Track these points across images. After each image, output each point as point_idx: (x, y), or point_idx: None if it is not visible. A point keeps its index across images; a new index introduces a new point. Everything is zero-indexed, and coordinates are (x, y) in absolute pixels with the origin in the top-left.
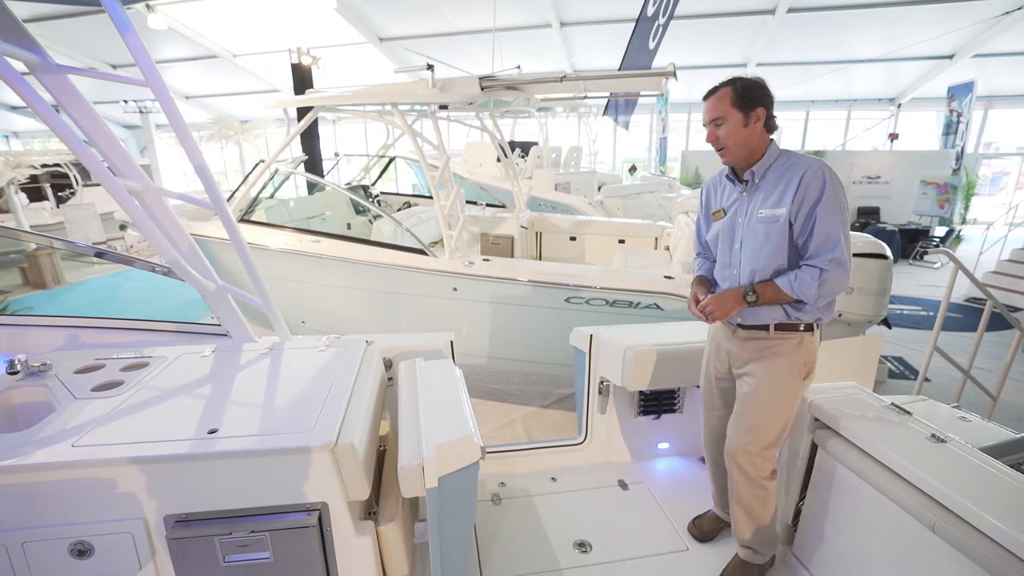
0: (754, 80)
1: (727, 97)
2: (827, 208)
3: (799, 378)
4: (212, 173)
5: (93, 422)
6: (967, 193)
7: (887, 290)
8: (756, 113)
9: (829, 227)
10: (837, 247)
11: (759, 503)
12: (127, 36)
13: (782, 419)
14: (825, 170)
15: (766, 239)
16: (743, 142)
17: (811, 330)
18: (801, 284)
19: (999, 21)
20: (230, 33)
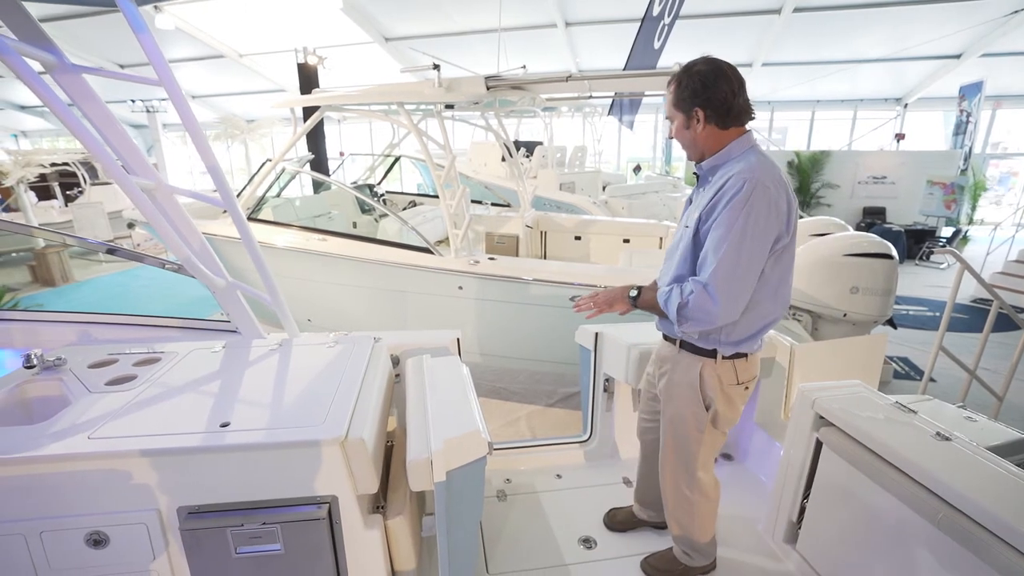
0: (700, 73)
1: (671, 95)
2: (720, 225)
3: (698, 404)
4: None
5: (108, 415)
6: (974, 193)
7: (892, 290)
8: (695, 114)
9: (712, 246)
10: (711, 273)
11: (684, 512)
12: (142, 36)
13: (694, 447)
14: (748, 183)
15: (678, 246)
16: (689, 143)
17: (711, 356)
18: (669, 299)
19: (1007, 20)
20: (236, 33)
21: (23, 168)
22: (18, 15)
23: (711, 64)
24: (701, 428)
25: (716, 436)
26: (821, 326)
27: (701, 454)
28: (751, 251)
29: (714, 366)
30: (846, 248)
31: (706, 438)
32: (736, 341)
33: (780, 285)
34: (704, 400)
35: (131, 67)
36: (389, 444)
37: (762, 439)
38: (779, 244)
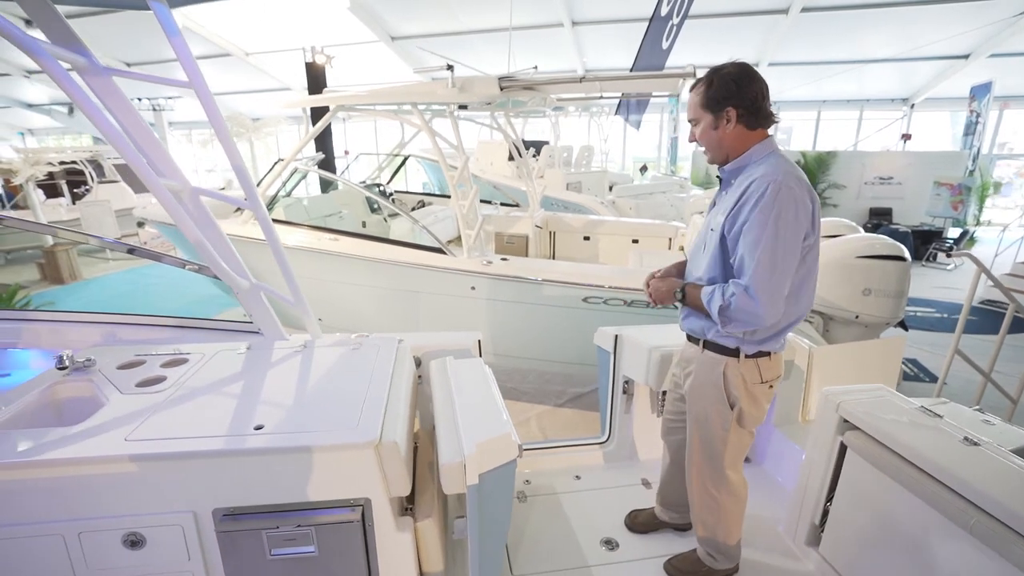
0: (732, 72)
1: (699, 95)
2: (753, 229)
3: (723, 403)
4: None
5: (141, 417)
6: (982, 194)
7: (905, 292)
8: (726, 114)
9: (748, 250)
10: (749, 276)
11: (710, 513)
12: (174, 40)
13: (719, 446)
14: (773, 186)
15: (706, 248)
16: (715, 145)
17: (734, 355)
18: (711, 300)
19: (1016, 21)
20: (243, 32)
21: (32, 166)
22: (50, 16)
23: (741, 66)
24: (726, 427)
25: (742, 435)
26: (833, 328)
27: (727, 453)
28: (785, 250)
29: (737, 365)
30: (859, 250)
31: (732, 437)
32: (760, 340)
33: (803, 285)
34: (729, 399)
35: (137, 65)
36: (414, 445)
37: (780, 441)
38: (806, 242)
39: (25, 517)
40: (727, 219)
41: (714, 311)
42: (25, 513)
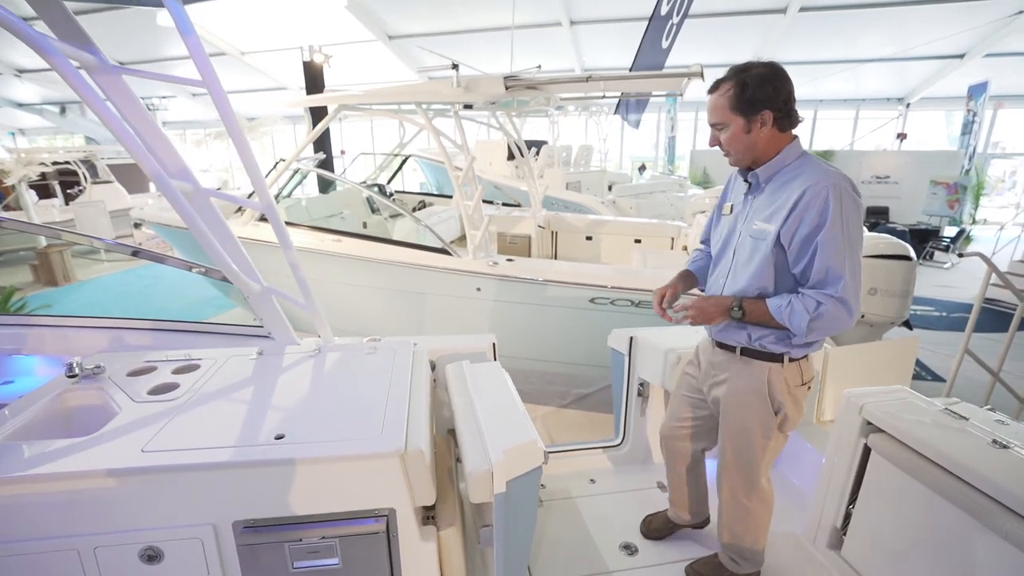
0: (764, 73)
1: (728, 97)
2: (830, 238)
3: (767, 412)
4: (261, 172)
5: (157, 426)
6: (977, 193)
7: (910, 292)
8: (761, 117)
9: (831, 260)
10: (840, 283)
11: (739, 521)
12: (188, 39)
13: (757, 453)
14: (833, 191)
15: (750, 257)
16: (746, 148)
17: (779, 361)
18: (793, 313)
19: (1011, 21)
20: (238, 31)
21: (25, 167)
22: (58, 13)
23: (772, 66)
24: (768, 435)
25: (780, 440)
26: None
27: (764, 461)
28: (859, 254)
29: (781, 370)
30: (865, 250)
31: (771, 444)
32: (807, 343)
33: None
34: (773, 405)
35: (131, 64)
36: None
37: (796, 443)
38: None
39: (39, 532)
40: (783, 227)
41: (799, 324)
42: (39, 528)
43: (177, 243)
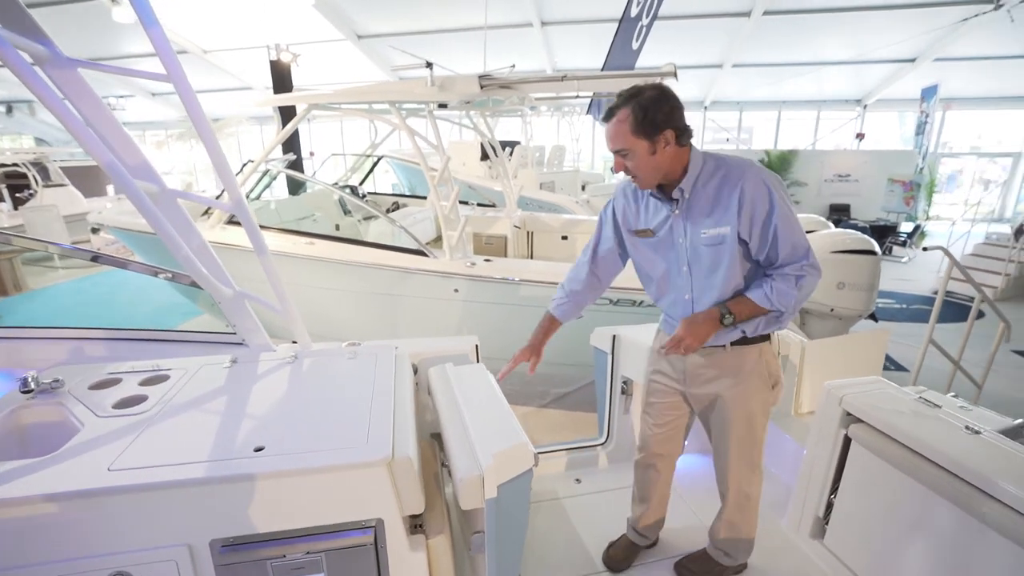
0: (658, 96)
1: (627, 124)
2: (783, 218)
3: (767, 389)
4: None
5: (124, 443)
6: (930, 190)
7: (875, 285)
8: (664, 137)
9: (793, 236)
10: (808, 251)
11: (740, 511)
12: (152, 30)
13: (760, 434)
14: (765, 179)
15: (715, 264)
16: (654, 169)
17: (768, 339)
18: (780, 294)
19: (958, 27)
20: (200, 28)
21: None
22: (6, 2)
23: (660, 88)
24: (767, 412)
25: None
26: (809, 321)
27: (763, 441)
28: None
29: (769, 346)
30: (832, 245)
31: (767, 421)
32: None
33: None
34: (771, 379)
35: None
36: None
37: (775, 434)
38: None
39: None
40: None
41: (789, 302)
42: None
43: (140, 248)
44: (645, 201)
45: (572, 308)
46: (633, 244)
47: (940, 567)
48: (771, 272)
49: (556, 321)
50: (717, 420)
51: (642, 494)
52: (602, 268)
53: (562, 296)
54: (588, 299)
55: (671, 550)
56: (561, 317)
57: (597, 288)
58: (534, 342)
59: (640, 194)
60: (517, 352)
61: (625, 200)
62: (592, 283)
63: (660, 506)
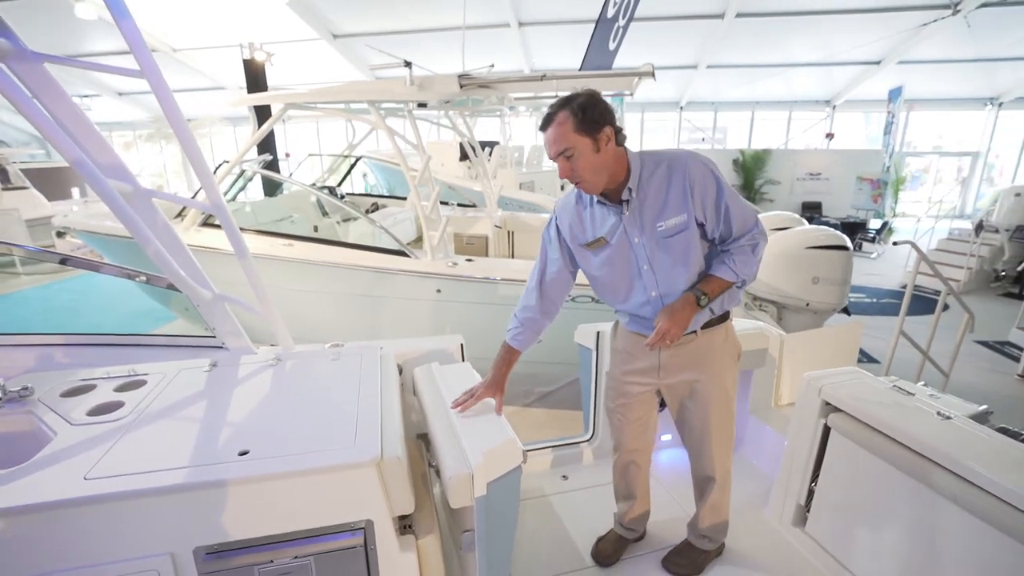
0: (591, 96)
1: (568, 124)
2: (730, 195)
3: (735, 364)
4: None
5: (100, 450)
6: (896, 188)
7: (848, 279)
8: (605, 133)
9: (742, 210)
10: (757, 221)
11: (723, 491)
12: (123, 23)
13: (734, 408)
14: (705, 162)
15: (680, 252)
16: (601, 167)
17: (728, 317)
18: (743, 265)
19: (919, 31)
20: (169, 26)
21: None
22: None
23: (589, 92)
24: (736, 385)
25: None
26: (786, 316)
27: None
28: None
29: (730, 323)
30: (807, 241)
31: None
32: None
33: None
34: (737, 353)
35: None
36: None
37: (757, 427)
38: None
39: None
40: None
41: (752, 270)
42: None
43: (110, 252)
44: (590, 212)
45: (529, 336)
46: (585, 257)
47: (916, 548)
48: (727, 247)
49: (515, 351)
50: (696, 405)
51: (626, 491)
52: (552, 290)
53: (517, 325)
54: (544, 324)
55: (659, 542)
56: (519, 347)
57: (551, 311)
58: (497, 376)
59: (582, 206)
60: (479, 389)
61: (569, 216)
62: (545, 307)
63: (644, 499)
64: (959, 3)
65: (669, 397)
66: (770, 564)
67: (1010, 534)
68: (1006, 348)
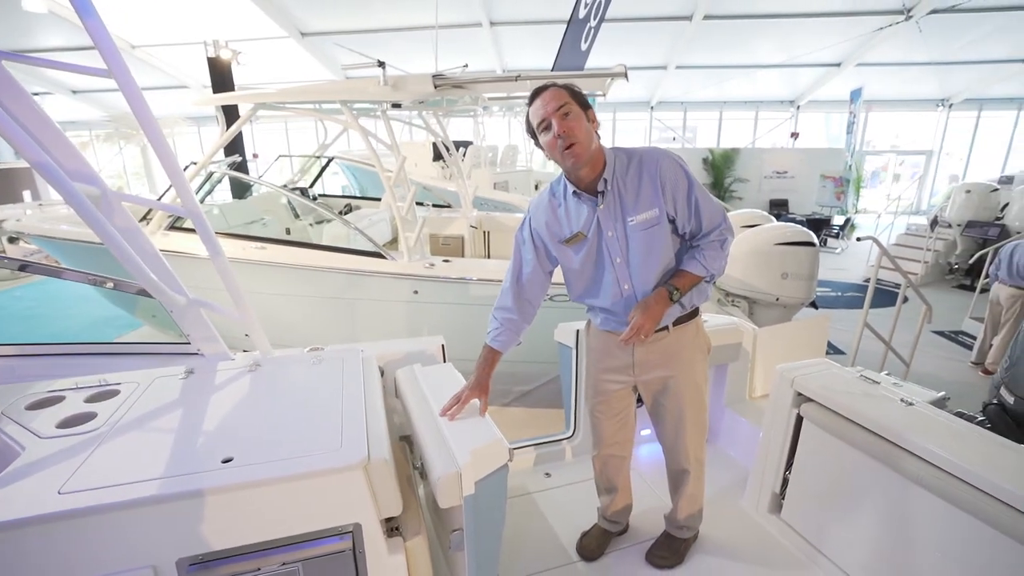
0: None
1: (564, 91)
2: (698, 191)
3: (705, 358)
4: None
5: (74, 463)
6: (857, 186)
7: (815, 274)
8: (591, 114)
9: (710, 205)
10: (724, 217)
11: (698, 482)
12: (89, 21)
13: (707, 401)
14: (676, 159)
15: (652, 247)
16: (589, 137)
17: (698, 313)
18: (712, 260)
19: (875, 35)
20: (128, 21)
21: None
22: None
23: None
24: (707, 378)
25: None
26: (757, 311)
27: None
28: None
29: (700, 318)
30: (776, 238)
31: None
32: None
33: None
34: (707, 347)
35: None
36: None
37: (732, 419)
38: None
39: None
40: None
41: (721, 265)
42: None
43: (68, 258)
44: (564, 207)
45: (510, 336)
46: (564, 254)
47: (885, 528)
48: (696, 243)
49: (496, 352)
50: (670, 400)
51: (607, 485)
52: (529, 291)
53: (496, 326)
54: (523, 324)
55: (642, 535)
56: (500, 348)
57: (529, 311)
58: (480, 378)
59: (556, 202)
60: (464, 392)
61: (544, 214)
62: (522, 307)
63: (626, 493)
64: (911, 9)
65: (644, 393)
66: (748, 551)
67: (968, 511)
68: (960, 337)
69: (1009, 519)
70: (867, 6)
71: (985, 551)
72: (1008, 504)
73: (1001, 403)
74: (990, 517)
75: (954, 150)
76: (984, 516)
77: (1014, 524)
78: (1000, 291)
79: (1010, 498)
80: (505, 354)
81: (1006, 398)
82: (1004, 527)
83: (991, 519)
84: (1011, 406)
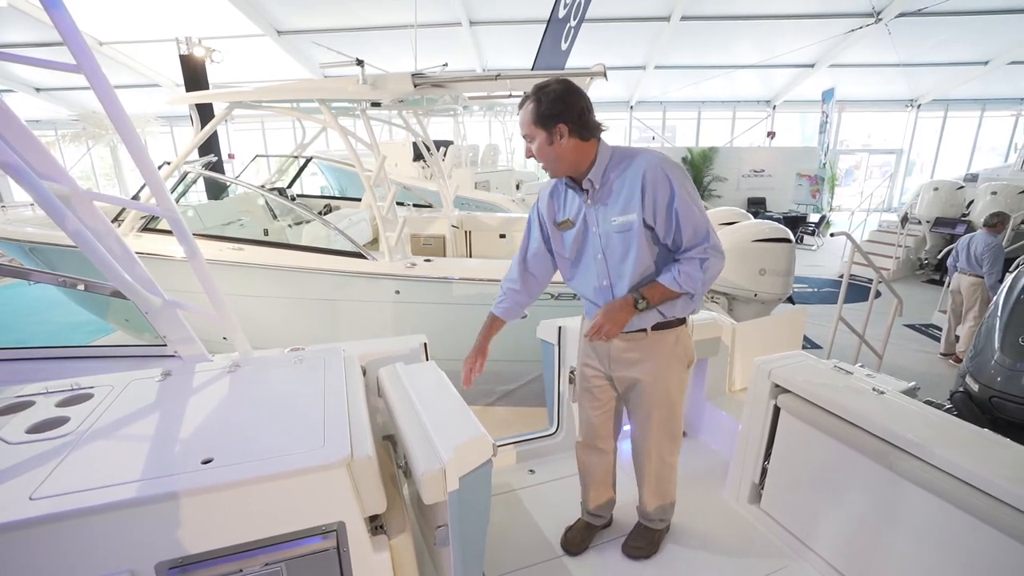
0: (558, 90)
1: (530, 113)
2: (682, 202)
3: (684, 369)
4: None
5: (45, 469)
6: (832, 184)
7: (792, 270)
8: (558, 130)
9: (693, 219)
10: (709, 234)
11: (666, 481)
12: (55, 12)
13: (679, 410)
14: (665, 165)
15: (626, 250)
16: (555, 159)
17: (684, 323)
18: (687, 277)
19: (847, 37)
20: (96, 17)
21: None
22: None
23: (564, 83)
24: (684, 389)
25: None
26: (736, 306)
27: (682, 415)
28: (703, 208)
29: (685, 328)
30: (753, 235)
31: (684, 397)
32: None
33: None
34: (687, 359)
35: None
36: None
37: (712, 412)
38: None
39: None
40: (643, 210)
41: (696, 284)
42: None
43: (32, 261)
44: (564, 194)
45: (513, 307)
46: (556, 236)
47: (860, 514)
48: (679, 256)
49: (499, 320)
50: (639, 400)
51: (590, 478)
52: (534, 267)
53: (501, 296)
54: (527, 298)
55: (626, 528)
56: (503, 316)
57: (534, 286)
58: (480, 343)
59: (559, 190)
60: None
61: (549, 198)
62: (528, 281)
63: (609, 486)
64: (880, 12)
65: (619, 387)
66: (728, 540)
67: (939, 495)
68: (930, 330)
69: (976, 500)
70: (838, 8)
71: (955, 531)
72: (974, 486)
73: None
74: (959, 499)
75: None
76: (952, 498)
77: (981, 505)
78: (961, 280)
79: (977, 480)
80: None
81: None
82: (974, 509)
83: (960, 501)
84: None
